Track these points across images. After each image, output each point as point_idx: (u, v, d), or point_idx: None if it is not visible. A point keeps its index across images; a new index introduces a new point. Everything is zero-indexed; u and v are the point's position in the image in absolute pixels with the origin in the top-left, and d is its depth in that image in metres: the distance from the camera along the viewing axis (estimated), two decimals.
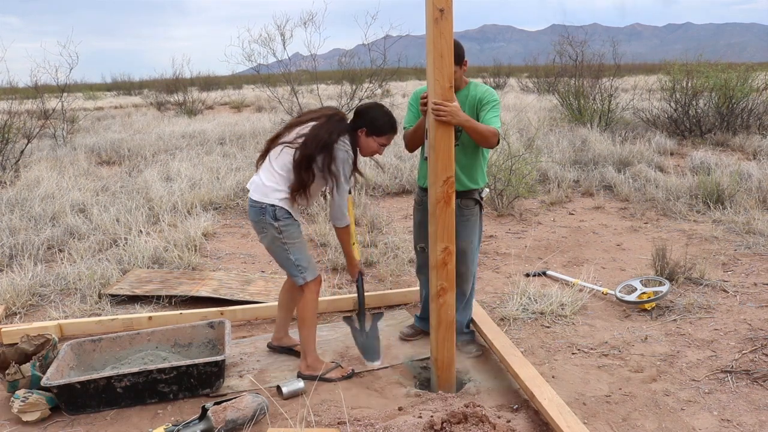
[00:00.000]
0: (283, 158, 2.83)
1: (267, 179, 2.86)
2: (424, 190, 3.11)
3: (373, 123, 2.88)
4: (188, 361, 2.81)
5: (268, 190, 2.83)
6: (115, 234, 5.39)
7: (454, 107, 2.58)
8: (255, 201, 2.86)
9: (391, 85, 20.50)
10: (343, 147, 2.79)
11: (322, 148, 2.76)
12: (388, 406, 2.74)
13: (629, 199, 6.63)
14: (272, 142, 2.92)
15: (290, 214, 2.85)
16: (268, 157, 2.91)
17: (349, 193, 3.19)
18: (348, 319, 3.20)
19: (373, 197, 6.99)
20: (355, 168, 2.91)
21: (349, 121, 2.91)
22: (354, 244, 3.11)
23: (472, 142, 2.96)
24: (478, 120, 2.93)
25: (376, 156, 3.02)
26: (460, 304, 3.21)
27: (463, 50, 2.94)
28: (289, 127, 2.93)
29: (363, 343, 3.12)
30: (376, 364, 3.09)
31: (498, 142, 2.95)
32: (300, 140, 2.79)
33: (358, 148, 2.93)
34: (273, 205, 2.81)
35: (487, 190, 3.27)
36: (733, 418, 2.62)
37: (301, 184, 2.80)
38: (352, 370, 3.05)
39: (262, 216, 2.83)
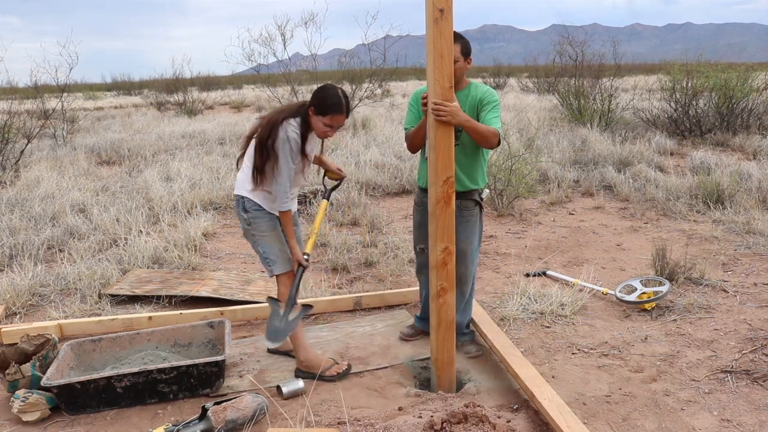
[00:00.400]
0: (249, 150, 2.92)
1: (240, 173, 2.97)
2: (423, 191, 3.11)
3: (320, 102, 2.84)
4: (188, 361, 2.81)
5: (239, 183, 2.94)
6: (115, 234, 5.39)
7: (454, 107, 2.58)
8: (234, 195, 2.99)
9: (391, 85, 20.51)
10: (285, 127, 2.79)
11: (270, 129, 2.80)
12: (388, 406, 2.74)
13: (629, 199, 6.63)
14: (248, 140, 2.99)
15: (260, 206, 2.89)
16: None
17: (328, 199, 3.20)
18: (273, 300, 3.02)
19: (373, 197, 6.99)
20: (302, 150, 2.87)
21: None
22: (310, 238, 3.07)
23: (473, 142, 2.95)
24: (478, 120, 2.93)
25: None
26: (460, 305, 3.20)
27: (470, 46, 2.98)
28: (261, 120, 3.00)
29: (275, 326, 2.94)
30: (272, 345, 3.00)
31: (498, 143, 2.94)
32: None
33: (313, 130, 2.92)
34: (242, 197, 2.91)
35: (487, 191, 3.25)
36: (733, 418, 2.62)
37: (254, 167, 2.83)
38: (348, 365, 3.06)
39: (237, 208, 2.96)
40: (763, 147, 8.99)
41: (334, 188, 3.36)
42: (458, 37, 2.94)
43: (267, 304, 3.40)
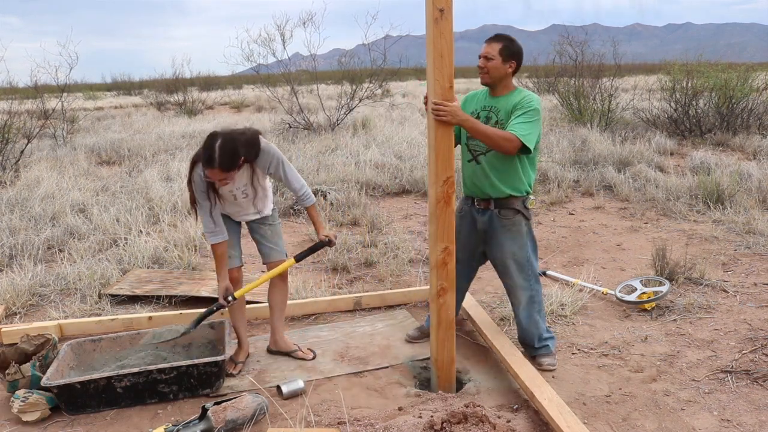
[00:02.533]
0: None
1: None
2: (468, 199, 3.10)
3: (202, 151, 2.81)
4: (188, 361, 2.81)
5: None
6: (115, 234, 5.39)
7: (454, 107, 2.57)
8: None
9: (391, 85, 20.50)
10: (195, 169, 2.86)
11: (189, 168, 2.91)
12: (388, 406, 2.74)
13: (629, 199, 6.63)
14: None
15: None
16: None
17: (297, 259, 3.11)
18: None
19: (373, 197, 6.99)
20: (212, 190, 2.91)
21: None
22: (245, 287, 3.08)
23: None
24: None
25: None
26: (520, 315, 3.10)
27: (517, 51, 2.89)
28: None
29: (164, 331, 2.97)
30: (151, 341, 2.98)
31: (519, 150, 2.77)
32: None
33: None
34: None
35: (533, 197, 3.01)
36: (733, 418, 2.62)
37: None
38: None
39: None
40: (763, 147, 8.99)
41: (311, 251, 3.13)
42: (503, 38, 2.88)
43: (268, 304, 3.40)
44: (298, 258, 3.11)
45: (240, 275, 3.18)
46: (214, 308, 3.00)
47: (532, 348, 3.12)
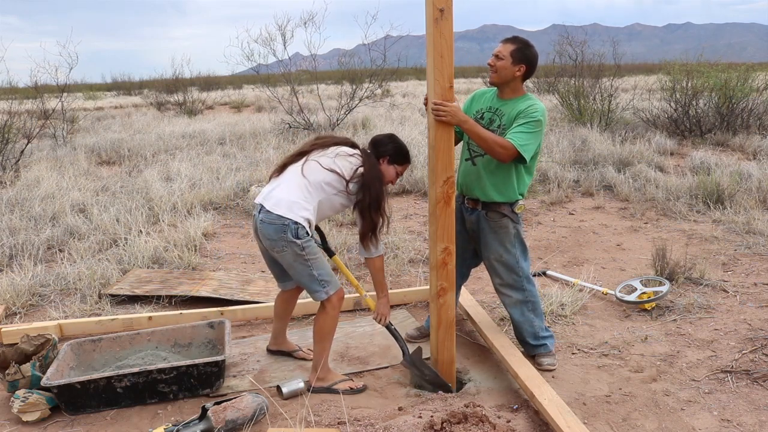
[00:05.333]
0: (316, 176, 2.75)
1: (292, 194, 2.71)
2: (459, 196, 3.06)
3: (396, 151, 2.90)
4: (188, 361, 2.81)
5: (294, 206, 2.68)
6: (115, 234, 5.39)
7: (454, 107, 2.58)
8: (277, 216, 2.66)
9: (391, 85, 20.51)
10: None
11: (381, 187, 2.81)
12: (388, 406, 2.74)
13: (629, 199, 6.63)
14: (294, 158, 2.87)
15: (308, 232, 2.74)
16: (290, 171, 2.81)
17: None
18: (407, 364, 3.00)
19: None
20: None
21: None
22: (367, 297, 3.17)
23: None
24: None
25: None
26: (515, 313, 3.10)
27: (530, 55, 2.85)
28: (316, 145, 2.90)
29: (431, 380, 2.90)
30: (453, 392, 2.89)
31: (512, 159, 2.75)
32: (355, 179, 2.77)
33: None
34: (297, 223, 2.66)
35: (522, 203, 2.98)
36: (733, 418, 2.62)
37: (372, 227, 2.85)
38: (363, 385, 2.94)
39: (283, 234, 2.65)
40: (763, 147, 8.99)
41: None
42: (519, 41, 2.85)
43: (268, 304, 3.40)
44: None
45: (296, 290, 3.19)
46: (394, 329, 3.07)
47: (528, 345, 3.13)
